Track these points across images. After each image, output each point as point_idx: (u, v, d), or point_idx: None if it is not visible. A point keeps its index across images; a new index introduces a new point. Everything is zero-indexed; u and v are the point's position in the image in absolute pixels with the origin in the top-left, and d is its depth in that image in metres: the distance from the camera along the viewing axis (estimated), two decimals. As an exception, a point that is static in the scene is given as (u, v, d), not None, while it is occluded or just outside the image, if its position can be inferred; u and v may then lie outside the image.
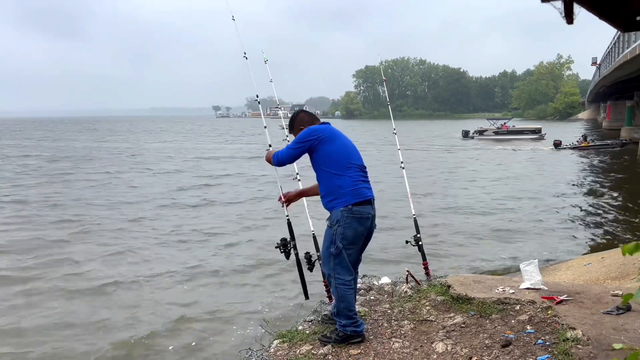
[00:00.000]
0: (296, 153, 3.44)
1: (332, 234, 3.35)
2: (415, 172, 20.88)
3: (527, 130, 43.58)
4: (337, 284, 3.36)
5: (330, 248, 3.36)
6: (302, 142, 3.40)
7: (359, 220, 3.35)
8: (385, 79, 7.75)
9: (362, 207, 3.36)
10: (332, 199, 3.38)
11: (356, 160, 3.47)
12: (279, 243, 3.99)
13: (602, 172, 21.97)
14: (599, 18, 1.87)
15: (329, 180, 3.39)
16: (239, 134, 62.95)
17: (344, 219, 3.31)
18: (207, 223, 12.16)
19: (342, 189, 3.33)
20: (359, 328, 3.40)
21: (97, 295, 7.51)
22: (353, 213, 3.32)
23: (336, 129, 3.55)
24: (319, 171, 3.45)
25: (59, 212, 13.28)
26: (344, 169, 3.37)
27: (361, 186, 3.40)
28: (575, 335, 3.15)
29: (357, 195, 3.35)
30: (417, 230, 5.14)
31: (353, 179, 3.37)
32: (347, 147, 3.46)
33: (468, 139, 43.91)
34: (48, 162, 26.89)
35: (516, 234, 11.00)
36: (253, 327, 6.05)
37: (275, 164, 3.54)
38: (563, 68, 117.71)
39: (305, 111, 3.78)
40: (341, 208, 3.32)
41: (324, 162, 3.39)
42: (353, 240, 3.36)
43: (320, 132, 3.40)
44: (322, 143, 3.37)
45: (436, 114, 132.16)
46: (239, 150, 35.82)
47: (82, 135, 59.31)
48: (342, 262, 3.35)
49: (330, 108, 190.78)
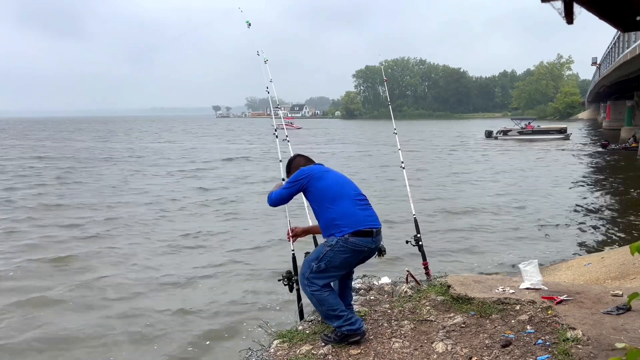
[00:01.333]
0: (288, 193, 3.52)
1: (322, 252, 3.35)
2: (429, 175, 20.93)
3: (553, 130, 42.87)
4: (311, 291, 3.38)
5: (313, 262, 3.36)
6: (294, 182, 3.49)
7: (353, 251, 3.34)
8: (386, 79, 7.76)
9: (360, 238, 3.34)
10: (330, 233, 3.38)
11: (350, 190, 3.48)
12: (284, 276, 4.05)
13: (603, 172, 21.98)
14: (599, 18, 1.87)
15: (325, 214, 3.41)
16: (252, 134, 62.29)
17: (338, 246, 3.31)
18: (209, 223, 12.17)
19: (337, 220, 3.34)
20: (355, 326, 3.36)
21: (97, 296, 7.52)
22: (348, 243, 3.31)
23: (328, 167, 3.62)
24: (314, 207, 3.49)
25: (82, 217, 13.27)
26: (338, 201, 3.38)
27: (359, 214, 3.38)
28: (575, 335, 3.14)
29: (355, 224, 3.33)
30: (417, 230, 5.14)
31: (348, 209, 3.37)
32: (339, 180, 3.50)
33: (491, 139, 42.87)
34: (77, 165, 26.79)
35: (516, 233, 10.99)
36: (253, 327, 6.05)
37: (270, 204, 3.59)
38: (563, 68, 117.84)
39: (301, 155, 3.83)
40: (338, 237, 3.32)
41: (317, 198, 3.43)
42: (339, 267, 3.38)
43: (310, 171, 3.48)
44: (314, 181, 3.44)
45: (436, 114, 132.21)
46: (257, 150, 35.43)
47: (84, 135, 59.31)
48: (321, 277, 3.36)
49: (330, 108, 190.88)
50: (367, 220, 3.39)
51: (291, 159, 3.80)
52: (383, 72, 8.24)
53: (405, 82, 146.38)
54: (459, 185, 18.40)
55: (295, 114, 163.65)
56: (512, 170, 22.75)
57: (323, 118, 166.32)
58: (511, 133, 42.58)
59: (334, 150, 35.50)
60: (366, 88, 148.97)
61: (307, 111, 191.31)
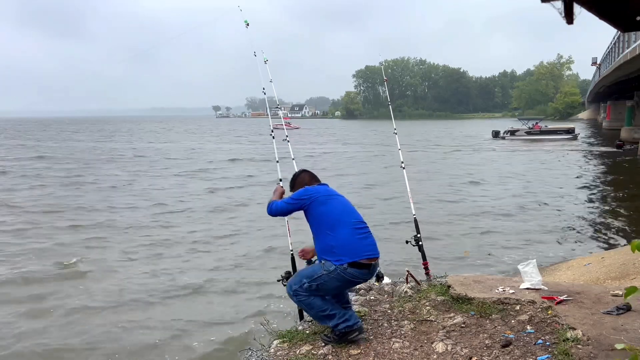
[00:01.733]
0: (289, 208, 3.51)
1: (318, 274, 3.34)
2: (436, 175, 20.91)
3: (561, 130, 42.51)
4: (297, 300, 3.41)
5: (306, 280, 3.37)
6: (296, 200, 3.48)
7: (349, 281, 3.35)
8: (386, 79, 7.76)
9: (359, 270, 3.34)
10: (327, 258, 3.37)
11: (349, 217, 3.45)
12: (283, 276, 4.05)
13: (603, 172, 21.97)
14: (599, 18, 1.87)
15: (323, 239, 3.41)
16: (254, 134, 62.18)
17: (335, 274, 3.31)
18: (209, 226, 12.17)
19: (335, 249, 3.33)
20: (351, 322, 3.37)
21: (98, 296, 7.51)
22: (345, 274, 3.31)
23: (332, 189, 3.60)
24: (313, 229, 3.49)
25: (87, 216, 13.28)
26: (337, 229, 3.36)
27: (358, 244, 3.37)
28: (575, 335, 3.14)
29: (354, 254, 3.32)
30: (418, 230, 5.14)
31: (347, 238, 3.35)
32: (340, 207, 3.48)
33: (498, 139, 42.56)
34: (82, 167, 26.70)
35: (517, 233, 11.00)
36: (253, 327, 6.06)
37: (269, 214, 3.58)
38: (563, 68, 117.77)
39: (307, 171, 3.80)
40: (336, 265, 3.31)
41: (316, 222, 3.43)
42: (330, 291, 3.40)
43: (314, 193, 3.46)
44: (315, 204, 3.42)
45: (436, 114, 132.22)
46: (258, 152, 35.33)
47: (86, 136, 59.25)
48: (309, 294, 3.37)
49: (330, 108, 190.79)
50: (365, 250, 3.37)
51: (296, 175, 3.78)
52: (383, 72, 8.25)
53: (405, 82, 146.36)
54: (461, 186, 18.40)
55: (295, 114, 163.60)
56: (520, 171, 22.63)
57: (323, 118, 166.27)
58: (518, 133, 42.13)
59: (335, 151, 35.52)
60: (366, 88, 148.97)
61: (307, 111, 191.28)
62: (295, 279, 3.47)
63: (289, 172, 4.07)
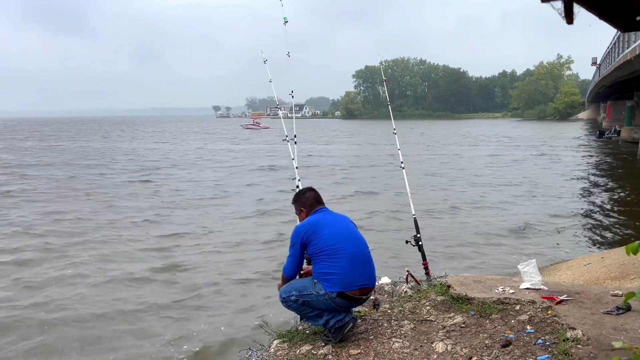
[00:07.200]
0: (295, 258, 3.47)
1: (308, 291, 3.35)
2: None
3: None
4: (287, 305, 3.46)
5: (295, 292, 3.38)
6: (292, 246, 3.46)
7: (334, 307, 3.35)
8: (385, 79, 7.78)
9: (347, 302, 3.34)
10: (319, 279, 3.36)
11: (348, 245, 3.37)
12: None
13: (602, 172, 21.96)
14: (599, 18, 1.87)
15: (319, 265, 3.39)
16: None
17: (324, 298, 3.31)
18: (211, 225, 12.16)
19: (329, 275, 3.32)
20: (341, 315, 3.38)
21: (98, 297, 7.51)
22: (333, 301, 3.32)
23: (331, 214, 3.55)
24: (311, 258, 3.46)
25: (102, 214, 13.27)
26: (334, 259, 3.33)
27: (352, 275, 3.33)
28: (575, 335, 3.14)
29: (345, 285, 3.31)
30: (417, 230, 5.14)
31: (343, 268, 3.31)
32: (340, 234, 3.40)
33: (603, 139, 39.18)
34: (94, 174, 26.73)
35: (517, 233, 10.99)
36: (253, 327, 6.05)
37: (289, 278, 3.53)
38: (563, 68, 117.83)
39: (313, 191, 3.68)
40: (327, 290, 3.30)
41: (314, 255, 3.40)
42: (318, 309, 3.39)
43: (306, 228, 3.40)
44: (310, 239, 3.38)
45: (436, 114, 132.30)
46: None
47: (91, 136, 59.16)
48: (297, 305, 3.40)
49: (330, 108, 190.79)
50: (359, 281, 3.35)
51: (301, 192, 3.71)
52: (382, 72, 8.27)
53: (405, 82, 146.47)
54: (463, 186, 18.40)
55: (295, 114, 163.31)
56: (515, 172, 22.68)
57: (323, 118, 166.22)
58: None
59: (335, 150, 35.50)
60: (366, 88, 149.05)
61: (307, 111, 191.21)
62: (287, 287, 3.48)
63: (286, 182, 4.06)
